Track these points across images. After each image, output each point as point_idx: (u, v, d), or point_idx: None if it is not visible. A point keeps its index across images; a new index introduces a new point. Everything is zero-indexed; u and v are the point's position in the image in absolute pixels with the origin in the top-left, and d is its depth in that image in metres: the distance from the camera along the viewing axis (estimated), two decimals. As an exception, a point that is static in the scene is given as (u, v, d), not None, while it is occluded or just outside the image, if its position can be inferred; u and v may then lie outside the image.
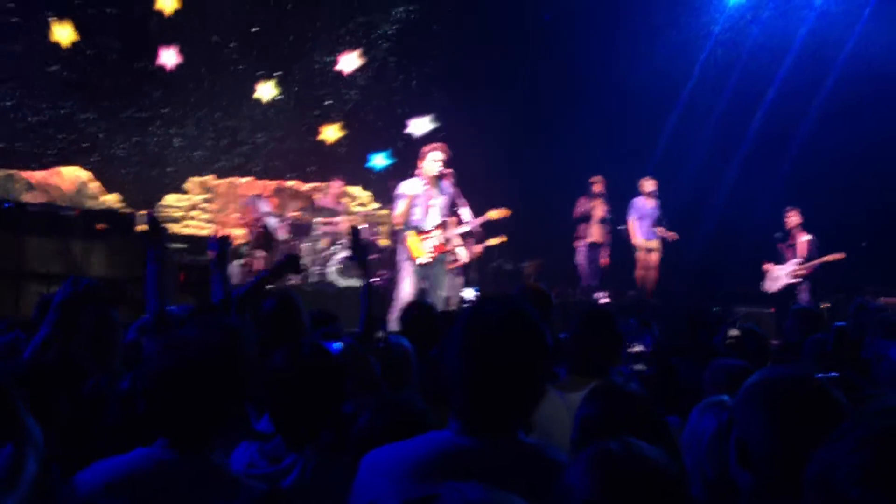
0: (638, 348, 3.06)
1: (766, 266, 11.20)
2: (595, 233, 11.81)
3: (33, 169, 12.74)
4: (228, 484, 1.95)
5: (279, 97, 14.20)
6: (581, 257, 11.95)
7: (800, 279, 10.90)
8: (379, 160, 14.08)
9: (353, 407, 2.42)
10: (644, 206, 11.78)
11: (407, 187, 7.89)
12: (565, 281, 12.14)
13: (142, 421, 2.10)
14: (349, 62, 13.95)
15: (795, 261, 10.94)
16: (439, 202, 7.92)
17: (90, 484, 1.89)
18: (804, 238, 10.99)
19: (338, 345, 2.85)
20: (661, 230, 11.60)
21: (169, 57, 12.79)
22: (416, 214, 7.86)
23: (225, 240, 3.96)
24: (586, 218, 11.88)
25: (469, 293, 4.07)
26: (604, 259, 11.95)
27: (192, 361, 1.94)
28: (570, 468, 1.59)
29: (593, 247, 11.85)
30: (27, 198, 12.21)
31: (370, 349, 3.41)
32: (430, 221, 7.86)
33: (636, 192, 11.85)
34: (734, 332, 5.03)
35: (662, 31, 12.90)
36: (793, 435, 1.67)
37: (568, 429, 2.38)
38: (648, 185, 11.77)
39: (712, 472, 2.17)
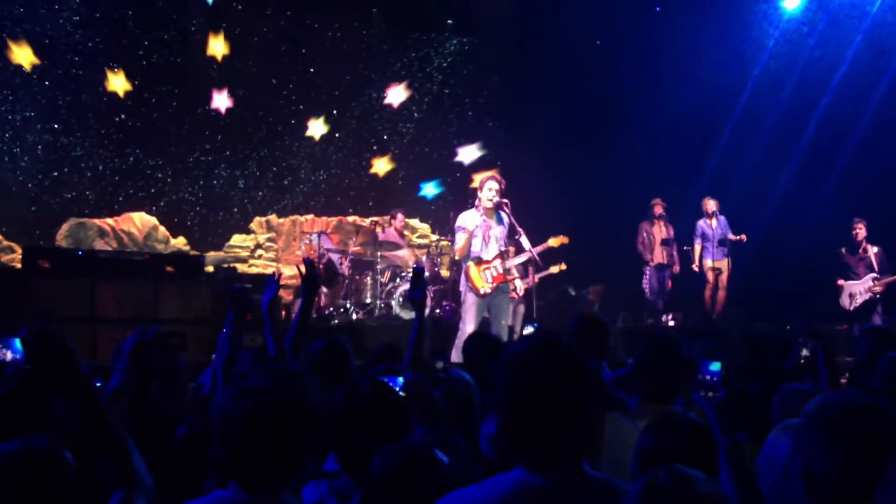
0: (708, 375, 3.00)
1: (840, 282, 10.94)
2: (658, 255, 11.68)
3: (104, 216, 13.13)
4: None
5: (337, 134, 14.45)
6: (646, 280, 11.82)
7: (877, 294, 10.63)
8: (430, 189, 14.23)
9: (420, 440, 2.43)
10: (707, 227, 11.64)
11: (465, 218, 7.91)
12: (632, 305, 12.02)
13: (215, 466, 2.14)
14: (397, 95, 14.15)
15: (871, 275, 10.67)
16: (498, 232, 7.92)
17: None
18: (874, 250, 10.73)
19: (399, 379, 2.87)
20: (736, 237, 11.45)
21: (221, 100, 13.13)
22: (476, 245, 7.86)
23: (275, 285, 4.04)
24: (649, 240, 11.77)
25: (528, 331, 4.03)
26: (669, 281, 11.81)
27: (263, 409, 1.98)
28: (625, 499, 1.59)
29: (658, 269, 11.71)
30: (99, 245, 12.59)
31: (430, 384, 3.42)
32: (489, 251, 7.86)
33: (698, 211, 11.74)
34: (806, 353, 4.91)
35: (713, 49, 12.78)
36: (860, 463, 1.63)
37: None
38: (710, 204, 11.63)
39: (788, 496, 2.13)
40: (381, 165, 14.46)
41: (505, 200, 7.93)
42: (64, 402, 2.47)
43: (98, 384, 3.71)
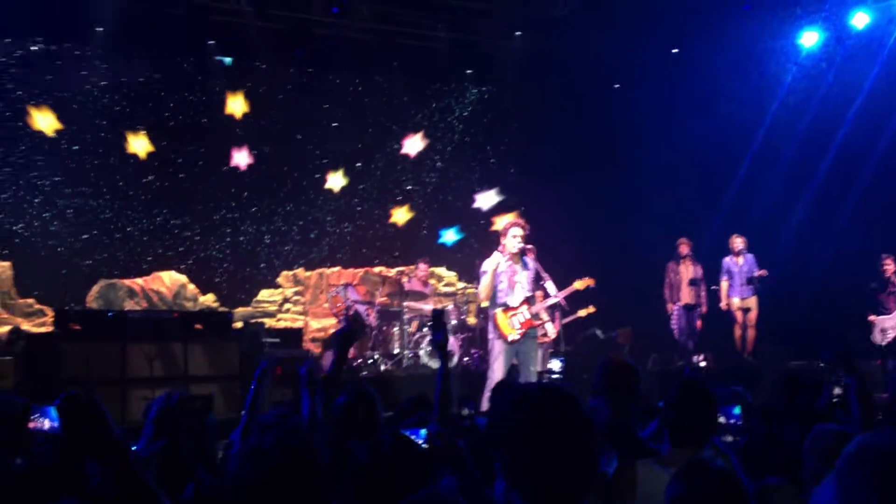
0: (729, 419, 2.97)
1: (872, 318, 10.81)
2: (686, 295, 11.61)
3: (134, 276, 13.28)
4: None
5: (361, 186, 14.59)
6: (675, 321, 11.73)
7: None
8: (450, 236, 14.29)
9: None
10: (733, 264, 11.58)
11: (490, 264, 7.93)
12: (663, 346, 11.92)
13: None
14: (414, 145, 14.27)
15: (902, 310, 10.57)
16: (523, 277, 7.92)
17: None
18: (903, 285, 10.64)
19: (423, 432, 2.86)
20: (757, 273, 11.35)
21: (241, 157, 13.30)
22: (502, 291, 7.86)
23: (312, 363, 4.05)
24: (676, 280, 11.72)
25: (556, 364, 3.99)
26: (699, 321, 11.71)
27: (269, 470, 1.99)
28: None
29: (687, 309, 11.63)
30: (129, 305, 12.72)
31: (456, 432, 3.41)
32: (516, 298, 7.86)
33: (721, 248, 11.70)
34: (838, 391, 4.83)
35: (731, 87, 12.85)
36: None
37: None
38: (737, 242, 11.60)
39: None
40: (401, 215, 14.57)
41: (530, 246, 7.97)
42: (98, 466, 2.50)
43: (133, 448, 3.74)
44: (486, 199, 13.92)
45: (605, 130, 13.37)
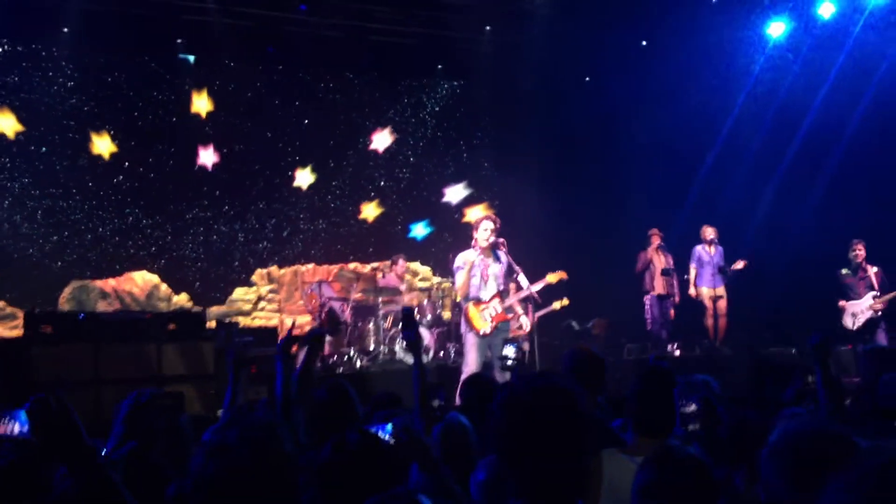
0: (690, 408, 2.99)
1: (842, 303, 10.94)
2: (659, 285, 11.69)
3: (106, 277, 13.18)
4: None
5: (334, 182, 14.56)
6: (648, 311, 11.81)
7: (878, 312, 10.63)
8: (419, 230, 14.29)
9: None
10: (705, 253, 11.68)
11: (464, 258, 7.96)
12: (637, 337, 12.00)
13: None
14: (382, 140, 14.25)
15: (872, 294, 10.69)
16: (496, 271, 7.95)
17: None
18: (873, 270, 10.77)
19: (388, 427, 2.86)
20: (737, 265, 11.43)
21: (208, 157, 13.22)
22: (474, 285, 7.90)
23: (289, 341, 4.03)
24: (648, 271, 11.79)
25: (510, 350, 3.97)
26: (672, 311, 11.81)
27: (233, 466, 1.98)
28: None
29: (660, 299, 11.71)
30: (101, 306, 12.62)
31: (425, 426, 3.42)
32: (488, 291, 7.89)
33: (691, 236, 11.80)
34: (811, 379, 4.88)
35: (700, 78, 12.94)
36: (806, 487, 1.65)
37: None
38: (709, 232, 11.70)
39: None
40: (370, 210, 14.55)
41: (501, 240, 7.98)
42: (68, 470, 2.48)
43: (103, 450, 3.71)
44: (454, 193, 13.94)
45: (577, 123, 13.44)
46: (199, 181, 13.56)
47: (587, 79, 14.33)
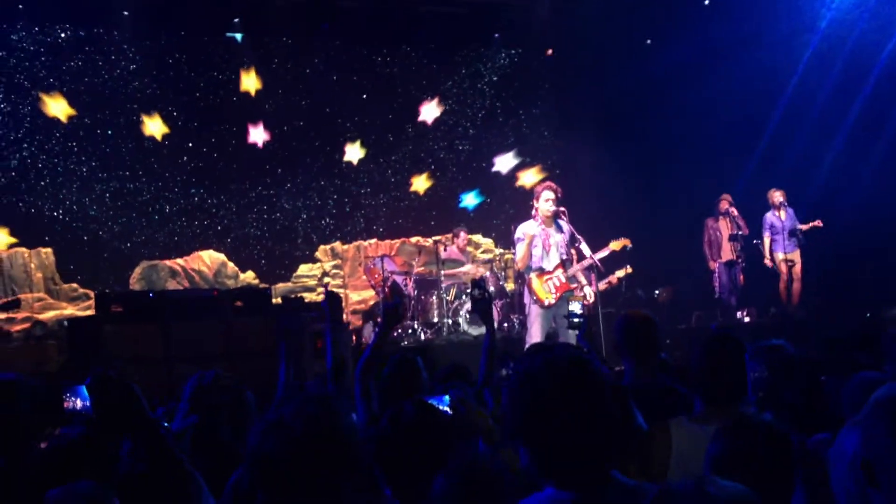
0: (760, 374, 2.88)
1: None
2: (727, 251, 11.43)
3: (174, 257, 13.43)
4: None
5: (394, 157, 14.55)
6: (716, 278, 11.57)
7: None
8: (470, 199, 14.18)
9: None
10: (775, 219, 11.37)
11: (524, 230, 7.87)
12: (706, 304, 11.78)
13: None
14: (430, 111, 14.13)
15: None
16: (558, 241, 7.84)
17: None
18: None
19: (446, 398, 2.82)
20: (810, 225, 11.12)
21: (258, 135, 13.31)
22: (537, 256, 7.80)
23: (333, 299, 4.00)
24: (716, 237, 11.54)
25: (576, 307, 3.90)
26: (741, 277, 11.55)
27: (289, 442, 1.95)
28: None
29: (728, 266, 11.46)
30: (171, 285, 12.88)
31: (483, 400, 3.38)
32: (550, 261, 7.80)
33: (758, 200, 11.49)
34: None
35: (762, 37, 12.52)
36: None
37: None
38: (777, 196, 11.37)
39: (853, 486, 2.05)
40: (420, 183, 14.50)
41: (562, 209, 7.86)
42: (131, 444, 2.50)
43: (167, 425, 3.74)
44: (504, 162, 13.80)
45: (638, 87, 13.14)
46: (262, 160, 13.70)
47: (648, 41, 13.97)
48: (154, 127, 12.80)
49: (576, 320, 4.41)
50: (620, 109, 13.56)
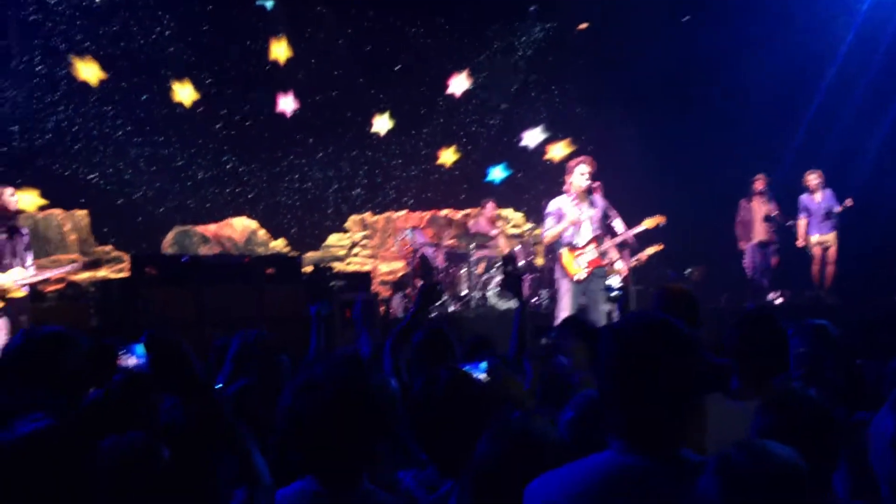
0: (801, 351, 2.87)
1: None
2: (760, 232, 11.32)
3: (206, 223, 13.53)
4: None
5: (426, 130, 14.52)
6: (748, 259, 11.47)
7: None
8: (497, 173, 14.11)
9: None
10: (810, 201, 11.23)
11: (556, 204, 7.82)
12: (736, 285, 11.68)
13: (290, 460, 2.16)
14: (459, 84, 14.04)
15: None
16: (590, 216, 7.79)
17: None
18: None
19: (483, 365, 2.84)
20: (842, 206, 10.97)
21: (287, 104, 13.31)
22: (568, 231, 7.76)
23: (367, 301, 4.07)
24: (749, 218, 11.42)
25: (615, 281, 3.89)
26: (774, 258, 11.44)
27: (322, 402, 1.99)
28: (701, 477, 1.55)
29: (761, 246, 11.35)
30: (203, 250, 12.98)
31: (534, 366, 3.40)
32: (582, 237, 7.75)
33: (799, 183, 11.33)
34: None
35: (806, 13, 12.30)
36: None
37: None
38: (812, 178, 11.21)
39: (892, 465, 2.04)
40: (448, 156, 14.45)
41: (597, 183, 7.81)
42: (181, 402, 2.55)
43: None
44: (532, 137, 13.71)
45: (675, 64, 12.96)
46: (294, 128, 13.72)
47: (686, 17, 13.77)
48: (184, 93, 12.84)
49: (614, 294, 4.41)
50: (655, 87, 13.40)
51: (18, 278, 7.37)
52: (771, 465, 1.51)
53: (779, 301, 10.82)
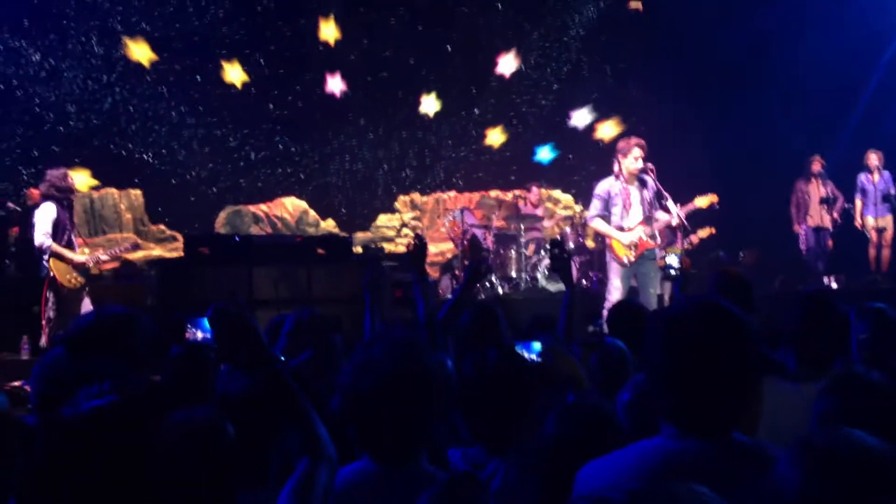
0: (863, 335, 2.82)
1: None
2: (816, 214, 11.10)
3: (258, 203, 13.68)
4: None
5: (476, 110, 14.46)
6: (803, 241, 11.27)
7: None
8: (545, 153, 14.01)
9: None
10: (867, 181, 10.97)
11: (604, 186, 7.76)
12: (791, 268, 11.49)
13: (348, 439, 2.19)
14: (507, 64, 13.93)
15: None
16: (640, 198, 7.71)
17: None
18: None
19: (535, 345, 2.84)
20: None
21: (335, 84, 13.35)
22: (616, 213, 7.69)
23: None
24: (804, 200, 11.21)
25: (673, 260, 3.84)
26: (830, 241, 11.23)
27: (381, 380, 2.01)
28: (781, 460, 1.52)
29: (817, 230, 11.14)
30: (254, 230, 13.14)
31: (573, 349, 3.39)
32: (631, 219, 7.67)
33: (855, 165, 11.08)
34: None
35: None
36: None
37: (802, 422, 2.25)
38: (873, 158, 10.95)
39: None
40: (495, 137, 14.38)
41: (650, 165, 7.72)
42: (228, 369, 2.60)
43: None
44: (581, 117, 13.58)
45: (730, 45, 12.73)
46: (345, 109, 13.78)
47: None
48: (234, 74, 12.96)
49: (673, 272, 4.37)
50: (711, 67, 13.18)
51: (91, 257, 7.58)
52: (861, 450, 1.48)
53: (834, 285, 10.62)
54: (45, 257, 7.26)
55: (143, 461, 1.40)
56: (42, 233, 7.22)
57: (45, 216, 7.27)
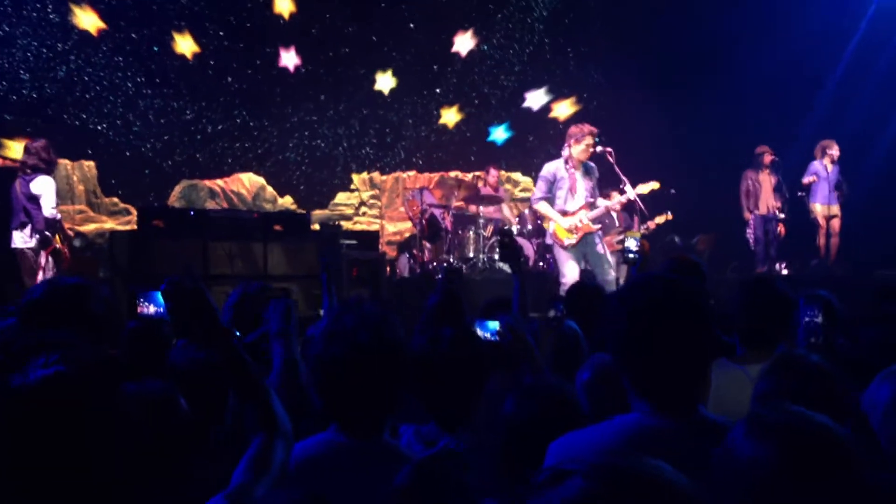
0: (814, 320, 2.88)
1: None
2: (767, 203, 11.28)
3: (214, 177, 13.51)
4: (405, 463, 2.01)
5: (438, 90, 14.41)
6: (751, 230, 11.45)
7: None
8: (499, 133, 14.06)
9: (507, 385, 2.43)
10: (822, 168, 11.14)
11: (550, 168, 7.85)
12: (744, 255, 11.68)
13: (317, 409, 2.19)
14: (464, 43, 13.92)
15: None
16: (584, 184, 7.80)
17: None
18: None
19: (491, 325, 2.86)
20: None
21: (289, 58, 13.26)
22: (560, 197, 7.78)
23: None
24: (754, 188, 11.37)
25: (632, 244, 3.88)
26: (781, 229, 11.42)
27: (351, 351, 2.02)
28: (728, 436, 1.55)
29: (767, 218, 11.32)
30: (210, 205, 12.99)
31: (530, 329, 3.43)
32: (574, 203, 7.76)
33: (804, 158, 11.29)
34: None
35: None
36: None
37: (745, 402, 2.30)
38: (834, 148, 11.10)
39: (886, 440, 2.07)
40: (450, 116, 14.37)
41: (609, 149, 7.79)
42: (183, 342, 2.58)
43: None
44: (536, 99, 13.62)
45: (693, 34, 12.82)
46: (305, 85, 13.64)
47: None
48: (185, 45, 12.76)
49: (631, 256, 4.40)
50: (674, 55, 13.26)
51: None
52: (812, 427, 1.50)
53: (785, 272, 10.82)
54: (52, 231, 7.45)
55: (90, 433, 1.38)
56: (51, 206, 7.48)
57: (48, 189, 7.51)
